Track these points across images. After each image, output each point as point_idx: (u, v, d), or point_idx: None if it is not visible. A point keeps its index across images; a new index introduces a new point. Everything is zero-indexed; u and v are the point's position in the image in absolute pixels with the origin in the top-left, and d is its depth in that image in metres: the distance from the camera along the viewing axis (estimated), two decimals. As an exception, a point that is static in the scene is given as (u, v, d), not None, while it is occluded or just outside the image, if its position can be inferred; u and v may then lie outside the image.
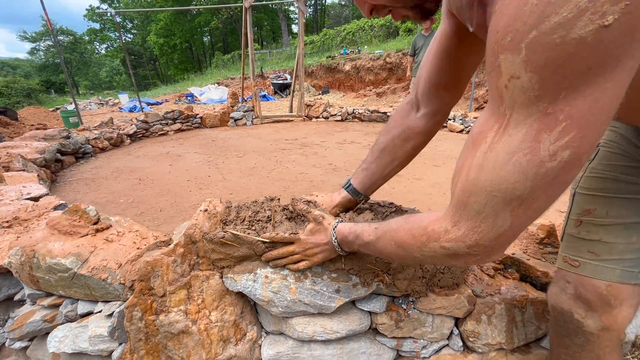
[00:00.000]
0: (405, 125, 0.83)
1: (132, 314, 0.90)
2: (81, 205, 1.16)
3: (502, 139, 0.40)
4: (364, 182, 0.91)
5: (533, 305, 0.94)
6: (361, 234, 0.67)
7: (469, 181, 0.45)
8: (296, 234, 0.79)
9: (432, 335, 0.93)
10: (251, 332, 0.96)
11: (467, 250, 0.48)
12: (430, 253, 0.53)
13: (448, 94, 0.76)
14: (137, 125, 4.42)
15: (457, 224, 0.48)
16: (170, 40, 33.49)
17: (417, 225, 0.55)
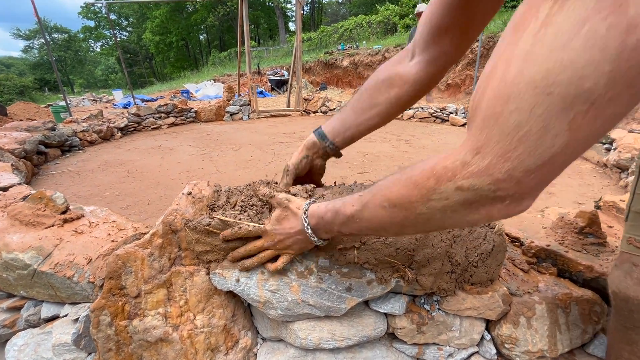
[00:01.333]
0: (395, 70, 0.68)
1: (99, 319, 0.74)
2: (46, 192, 1.00)
3: (566, 5, 0.27)
4: (334, 127, 0.74)
5: (578, 304, 0.80)
6: (341, 207, 0.51)
7: (507, 81, 0.31)
8: (261, 225, 0.63)
9: (460, 341, 0.79)
10: (245, 338, 0.80)
11: (492, 189, 0.34)
12: (441, 202, 0.38)
13: (450, 41, 0.60)
14: (129, 118, 4.25)
15: (481, 149, 0.34)
16: (166, 37, 33.16)
17: (420, 170, 0.40)
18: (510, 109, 0.31)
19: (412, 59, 0.67)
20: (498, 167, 0.33)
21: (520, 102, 0.30)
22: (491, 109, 0.33)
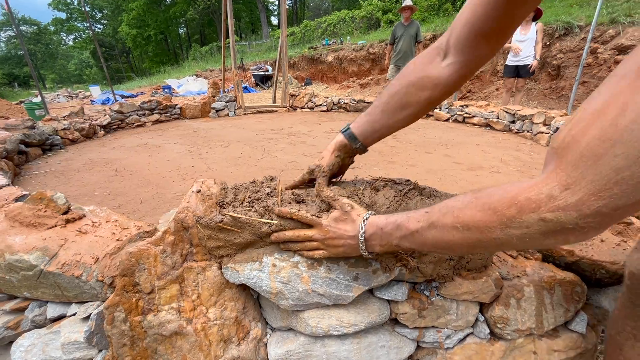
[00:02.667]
0: (426, 72, 0.69)
1: (113, 316, 0.76)
2: (47, 193, 0.99)
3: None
4: (364, 129, 0.77)
5: (561, 286, 0.87)
6: (405, 222, 0.54)
7: (619, 126, 0.32)
8: (319, 217, 0.67)
9: (457, 323, 0.85)
10: (255, 329, 0.84)
11: (577, 222, 0.36)
12: (521, 230, 0.40)
13: (487, 45, 0.63)
14: (112, 115, 4.13)
15: (571, 186, 0.36)
16: (144, 31, 32.06)
17: (500, 197, 0.42)
18: (615, 153, 0.32)
19: (444, 59, 0.67)
20: (588, 204, 0.35)
21: (629, 149, 0.32)
22: (592, 150, 0.34)
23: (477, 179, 2.45)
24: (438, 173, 2.61)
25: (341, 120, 5.15)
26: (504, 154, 3.19)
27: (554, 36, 6.11)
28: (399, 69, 5.72)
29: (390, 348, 0.85)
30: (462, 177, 2.48)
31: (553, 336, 0.90)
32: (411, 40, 5.38)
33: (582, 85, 5.14)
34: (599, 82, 5.22)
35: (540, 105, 6.02)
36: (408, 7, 5.31)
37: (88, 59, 43.01)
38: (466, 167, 2.73)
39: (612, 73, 0.36)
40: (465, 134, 4.08)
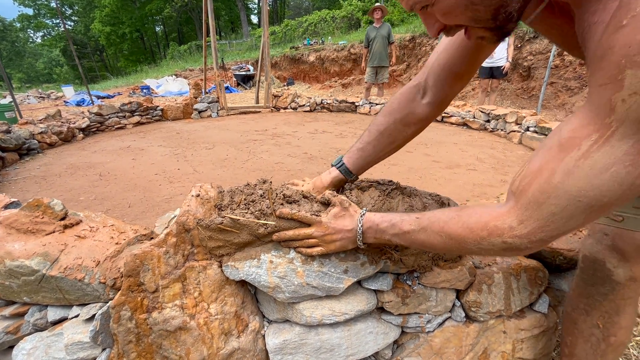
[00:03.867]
0: (409, 109, 0.82)
1: (119, 314, 0.80)
2: (44, 199, 1.02)
3: (603, 149, 0.41)
4: (357, 163, 0.89)
5: (526, 272, 0.99)
6: (398, 223, 0.65)
7: (551, 184, 0.46)
8: (318, 216, 0.74)
9: (437, 309, 0.94)
10: (253, 322, 0.90)
11: (527, 245, 0.51)
12: (489, 247, 0.55)
13: (460, 84, 0.76)
14: (90, 118, 4.04)
15: (524, 222, 0.50)
16: (118, 29, 31.02)
17: (476, 220, 0.56)
18: (550, 202, 0.46)
19: (423, 98, 0.80)
20: (534, 234, 0.49)
21: (558, 201, 0.46)
22: (536, 198, 0.48)
23: (455, 176, 2.59)
24: (419, 171, 2.73)
25: (324, 120, 5.23)
26: (480, 152, 3.36)
27: (525, 39, 6.43)
28: (375, 70, 5.88)
29: (377, 334, 0.93)
30: (440, 175, 2.61)
31: (520, 317, 1.01)
32: (384, 41, 5.55)
33: (550, 86, 5.45)
34: (566, 82, 5.55)
35: (513, 105, 6.32)
36: (379, 7, 5.47)
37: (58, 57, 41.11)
38: (445, 166, 2.87)
39: (542, 143, 0.50)
40: (443, 133, 4.25)
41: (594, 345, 0.86)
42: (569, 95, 5.40)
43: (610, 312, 0.81)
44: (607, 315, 0.82)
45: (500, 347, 1.02)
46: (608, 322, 0.83)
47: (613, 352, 0.86)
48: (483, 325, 0.99)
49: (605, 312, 0.82)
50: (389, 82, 8.49)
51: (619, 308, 0.80)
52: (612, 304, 0.80)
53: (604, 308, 0.81)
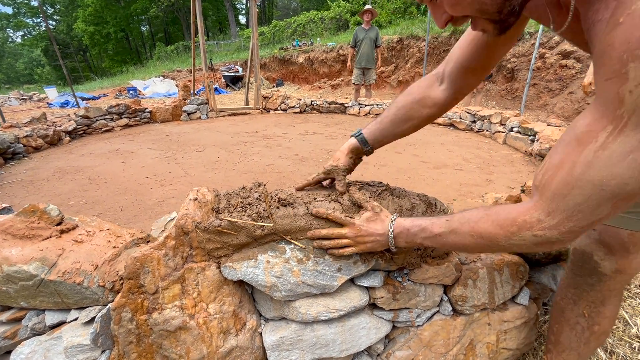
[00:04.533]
0: (427, 93, 0.86)
1: (120, 316, 0.83)
2: (39, 205, 1.02)
3: (618, 139, 0.44)
4: (375, 135, 0.91)
5: (508, 267, 1.05)
6: (429, 226, 0.69)
7: (573, 176, 0.49)
8: (352, 218, 0.78)
9: (426, 303, 0.99)
10: (251, 321, 0.94)
11: (558, 237, 0.54)
12: (519, 242, 0.57)
13: (474, 77, 0.81)
14: (77, 121, 3.97)
15: (551, 213, 0.53)
16: (103, 28, 30.37)
17: (504, 217, 0.59)
18: (574, 193, 0.49)
19: (441, 85, 0.84)
20: (563, 225, 0.52)
21: (582, 191, 0.48)
22: (560, 190, 0.51)
23: (442, 176, 2.67)
24: (407, 172, 2.80)
25: (314, 121, 5.27)
26: (466, 152, 3.46)
27: (508, 41, 6.60)
28: (362, 71, 5.98)
29: (370, 329, 0.98)
30: (429, 175, 2.69)
31: (503, 309, 1.07)
32: (372, 43, 5.66)
33: (532, 87, 5.63)
34: (547, 84, 5.73)
35: (497, 106, 6.49)
36: (369, 10, 5.58)
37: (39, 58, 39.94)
38: (432, 166, 2.95)
39: (561, 138, 0.53)
40: (431, 134, 4.35)
41: (579, 333, 0.92)
42: (550, 96, 5.59)
43: (596, 302, 0.87)
44: (593, 305, 0.88)
45: (485, 339, 1.08)
46: (593, 312, 0.89)
47: (596, 340, 0.92)
48: (469, 318, 1.04)
49: (591, 302, 0.88)
50: (377, 83, 8.60)
51: (604, 298, 0.86)
52: (598, 294, 0.86)
53: (591, 298, 0.87)
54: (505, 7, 0.50)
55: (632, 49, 0.39)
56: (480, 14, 0.52)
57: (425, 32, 7.70)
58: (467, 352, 1.07)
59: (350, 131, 4.39)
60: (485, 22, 0.54)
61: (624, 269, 0.81)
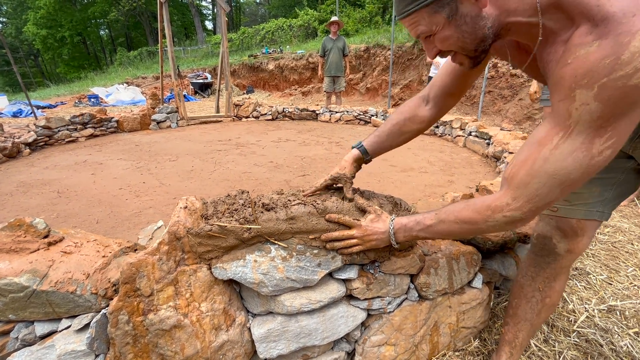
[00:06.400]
0: (416, 112, 1.05)
1: (117, 319, 0.88)
2: (25, 219, 1.05)
3: (567, 142, 0.61)
4: (374, 147, 1.08)
5: (464, 256, 1.21)
6: (422, 220, 0.84)
7: (534, 169, 0.65)
8: (358, 220, 0.90)
9: (395, 292, 1.13)
10: (240, 317, 1.02)
11: (521, 216, 0.69)
12: (494, 222, 0.72)
13: (453, 100, 1.02)
14: (38, 132, 3.79)
15: (516, 198, 0.68)
16: (57, 32, 28.58)
17: (480, 204, 0.74)
18: (534, 182, 0.64)
19: (427, 105, 1.03)
20: (524, 206, 0.67)
21: (540, 179, 0.64)
22: (523, 180, 0.66)
23: (409, 179, 2.87)
24: (377, 175, 2.98)
25: (287, 129, 5.37)
26: (430, 155, 3.72)
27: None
28: (332, 80, 6.22)
29: (347, 317, 1.10)
30: (397, 178, 2.88)
31: (461, 293, 1.24)
32: (339, 53, 5.92)
33: (488, 94, 6.11)
34: (501, 91, 6.24)
35: (458, 111, 6.96)
36: (335, 22, 5.85)
37: (-17, 63, 36.71)
38: (400, 169, 3.15)
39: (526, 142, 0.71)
40: (398, 139, 4.60)
41: (533, 306, 1.09)
42: (503, 102, 6.09)
43: (550, 277, 1.05)
44: (547, 280, 1.05)
45: (447, 320, 1.23)
46: (547, 286, 1.06)
47: (546, 311, 1.10)
48: (433, 302, 1.19)
49: (546, 277, 1.05)
50: (346, 90, 8.87)
51: (557, 274, 1.04)
52: (552, 271, 1.03)
53: (546, 274, 1.04)
54: (480, 47, 0.69)
55: (577, 80, 0.57)
56: (461, 50, 0.71)
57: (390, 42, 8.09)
58: (432, 332, 1.22)
59: (323, 137, 4.54)
60: (463, 57, 0.73)
61: (573, 249, 0.99)
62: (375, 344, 1.14)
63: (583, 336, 1.35)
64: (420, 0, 0.64)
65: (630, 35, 0.51)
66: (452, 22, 0.65)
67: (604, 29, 0.53)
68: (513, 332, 1.12)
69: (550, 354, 1.27)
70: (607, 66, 0.53)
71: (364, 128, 5.55)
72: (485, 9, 0.63)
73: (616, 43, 0.52)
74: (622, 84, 0.52)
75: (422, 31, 0.68)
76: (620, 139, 0.59)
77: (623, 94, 0.53)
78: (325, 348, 1.13)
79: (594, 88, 0.55)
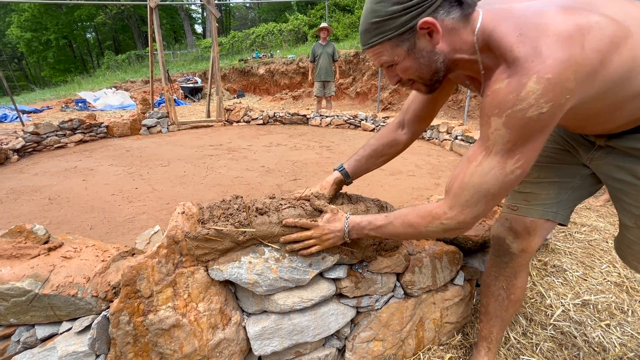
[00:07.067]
0: (392, 137, 1.14)
1: (118, 319, 0.93)
2: (26, 225, 1.08)
3: (487, 160, 0.71)
4: (355, 170, 1.17)
5: (447, 255, 1.29)
6: (373, 220, 0.91)
7: (464, 182, 0.74)
8: (315, 221, 0.96)
9: (382, 290, 1.20)
10: (235, 316, 1.07)
11: (456, 226, 0.77)
12: (433, 228, 0.80)
13: (425, 123, 1.12)
14: (26, 138, 3.76)
15: (452, 207, 0.76)
16: (42, 35, 28.08)
17: (424, 210, 0.82)
18: (464, 194, 0.73)
19: (402, 130, 1.13)
20: (459, 217, 0.75)
21: (468, 192, 0.72)
22: (457, 191, 0.75)
23: (397, 182, 2.96)
24: (367, 179, 3.06)
25: (278, 133, 5.42)
26: (418, 159, 3.83)
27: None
28: (322, 84, 6.33)
29: (337, 315, 1.16)
30: (385, 182, 2.97)
31: (444, 290, 1.31)
32: (329, 58, 6.04)
33: (473, 99, 6.29)
34: (486, 95, 6.43)
35: (445, 115, 7.13)
36: (325, 28, 5.97)
37: (-36, 66, 35.70)
38: (389, 173, 3.24)
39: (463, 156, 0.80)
40: (387, 143, 4.70)
41: (501, 303, 1.18)
42: (488, 106, 6.27)
43: (510, 276, 1.13)
44: (509, 279, 1.14)
45: (432, 315, 1.31)
46: (509, 284, 1.15)
47: (513, 306, 1.18)
48: (418, 299, 1.26)
49: (507, 276, 1.14)
50: (336, 94, 8.98)
51: (516, 272, 1.12)
52: (511, 270, 1.11)
53: (507, 273, 1.13)
54: (434, 77, 0.79)
55: (492, 110, 0.68)
56: (419, 79, 0.80)
57: (378, 47, 8.21)
58: (418, 328, 1.29)
59: (314, 142, 4.61)
60: (420, 85, 0.83)
61: (526, 249, 1.08)
62: (365, 340, 1.21)
63: (559, 329, 1.44)
64: (383, 34, 0.72)
65: (528, 77, 0.61)
66: (411, 54, 0.74)
67: (513, 69, 0.63)
68: (487, 328, 1.20)
69: (528, 345, 1.35)
70: (511, 100, 0.63)
71: (354, 132, 5.65)
72: (438, 45, 0.72)
73: (518, 82, 0.62)
74: (522, 115, 0.63)
75: (385, 61, 0.77)
76: (528, 161, 0.69)
77: (523, 123, 0.64)
78: (317, 344, 1.18)
79: (502, 117, 0.65)
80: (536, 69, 0.60)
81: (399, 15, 0.69)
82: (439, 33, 0.70)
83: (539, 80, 0.60)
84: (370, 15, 0.72)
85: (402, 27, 0.70)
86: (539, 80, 0.60)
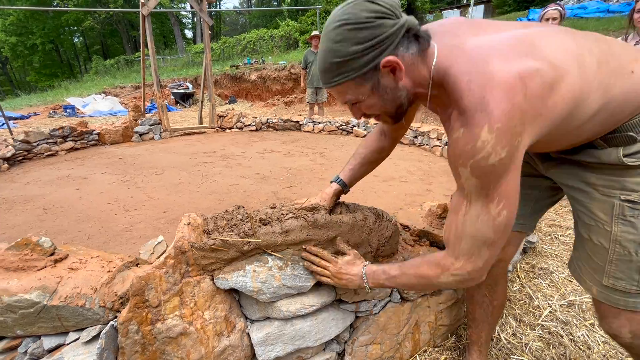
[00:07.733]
0: (378, 144, 1.19)
1: (127, 329, 0.96)
2: (32, 238, 1.10)
3: (471, 209, 0.73)
4: (350, 179, 1.23)
5: (440, 260, 1.35)
6: (388, 270, 0.95)
7: (458, 232, 0.76)
8: (336, 258, 1.01)
9: (380, 295, 1.25)
10: (239, 323, 1.11)
11: (468, 276, 0.78)
12: (446, 280, 0.81)
13: (402, 130, 1.17)
14: (16, 146, 3.71)
15: (457, 258, 0.77)
16: (27, 39, 27.57)
17: (432, 261, 0.84)
18: (463, 243, 0.75)
19: (385, 137, 1.17)
20: (467, 266, 0.76)
21: (466, 241, 0.74)
22: (455, 242, 0.76)
23: (390, 188, 3.03)
24: (360, 185, 3.11)
25: (271, 139, 5.46)
26: (410, 165, 3.91)
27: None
28: (315, 91, 6.44)
29: (337, 320, 1.21)
30: (379, 188, 3.03)
31: (438, 294, 1.37)
32: None
33: (462, 105, 6.45)
34: (474, 102, 6.60)
35: (435, 121, 7.28)
36: (316, 36, 6.10)
37: (-55, 70, 34.73)
38: (382, 179, 3.31)
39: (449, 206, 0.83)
40: (379, 149, 4.78)
41: (485, 309, 1.24)
42: (477, 112, 6.44)
43: (491, 284, 1.20)
44: (490, 287, 1.21)
45: (427, 318, 1.36)
46: (491, 292, 1.21)
47: (497, 311, 1.25)
48: (414, 303, 1.32)
49: (488, 285, 1.20)
50: (328, 101, 9.08)
51: (495, 281, 1.19)
52: (491, 279, 1.17)
53: (487, 282, 1.19)
54: (399, 110, 0.82)
55: (457, 160, 0.70)
56: (384, 114, 0.84)
57: (369, 55, 8.35)
58: (414, 330, 1.35)
59: (307, 148, 4.67)
60: (385, 117, 0.85)
61: (503, 258, 1.16)
62: (363, 344, 1.26)
63: (546, 329, 1.52)
64: (346, 73, 0.71)
65: (479, 127, 0.63)
66: (375, 92, 0.74)
67: (464, 119, 0.66)
68: (477, 333, 1.27)
69: (517, 345, 1.42)
70: (470, 150, 0.65)
71: (346, 138, 5.72)
72: (401, 81, 0.73)
73: (471, 133, 0.65)
74: (485, 164, 0.65)
75: (349, 99, 0.78)
76: (509, 200, 0.70)
77: (488, 170, 0.66)
78: (318, 349, 1.23)
79: (467, 167, 0.68)
80: (485, 120, 0.63)
81: (361, 55, 0.68)
82: (402, 70, 0.70)
83: (490, 130, 0.62)
84: (330, 55, 0.70)
85: (365, 66, 0.69)
86: (490, 129, 0.62)
